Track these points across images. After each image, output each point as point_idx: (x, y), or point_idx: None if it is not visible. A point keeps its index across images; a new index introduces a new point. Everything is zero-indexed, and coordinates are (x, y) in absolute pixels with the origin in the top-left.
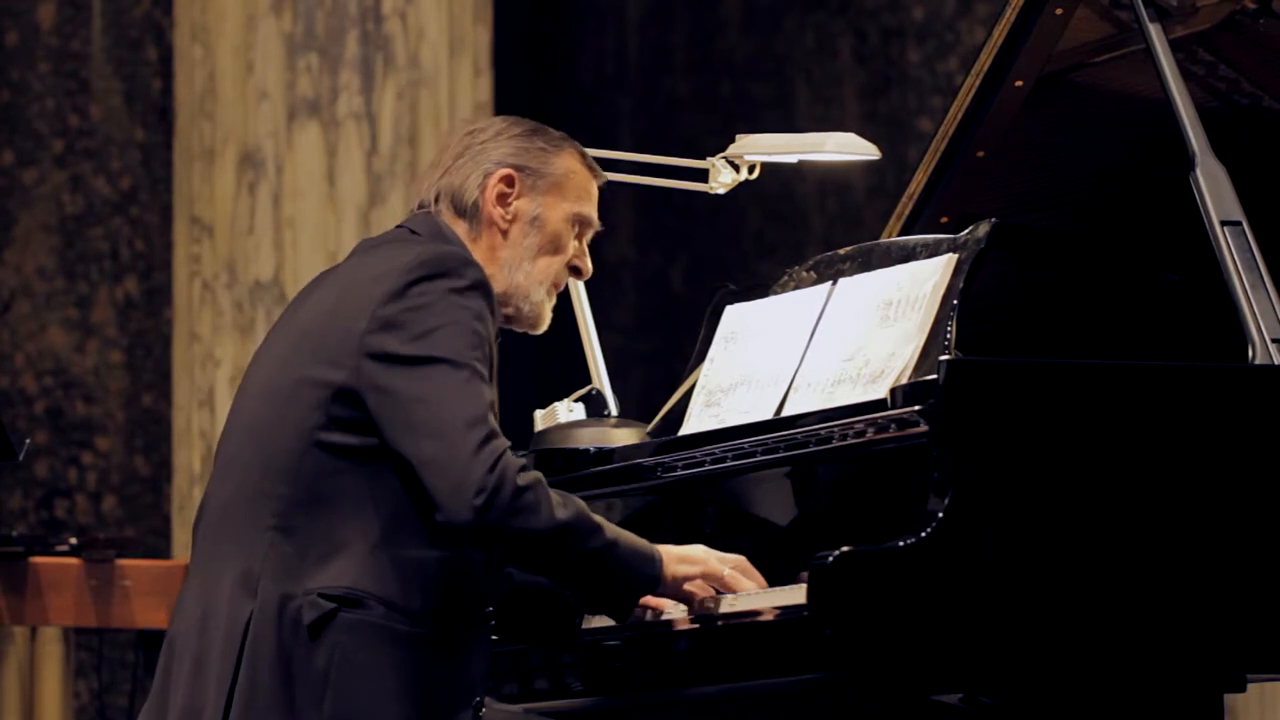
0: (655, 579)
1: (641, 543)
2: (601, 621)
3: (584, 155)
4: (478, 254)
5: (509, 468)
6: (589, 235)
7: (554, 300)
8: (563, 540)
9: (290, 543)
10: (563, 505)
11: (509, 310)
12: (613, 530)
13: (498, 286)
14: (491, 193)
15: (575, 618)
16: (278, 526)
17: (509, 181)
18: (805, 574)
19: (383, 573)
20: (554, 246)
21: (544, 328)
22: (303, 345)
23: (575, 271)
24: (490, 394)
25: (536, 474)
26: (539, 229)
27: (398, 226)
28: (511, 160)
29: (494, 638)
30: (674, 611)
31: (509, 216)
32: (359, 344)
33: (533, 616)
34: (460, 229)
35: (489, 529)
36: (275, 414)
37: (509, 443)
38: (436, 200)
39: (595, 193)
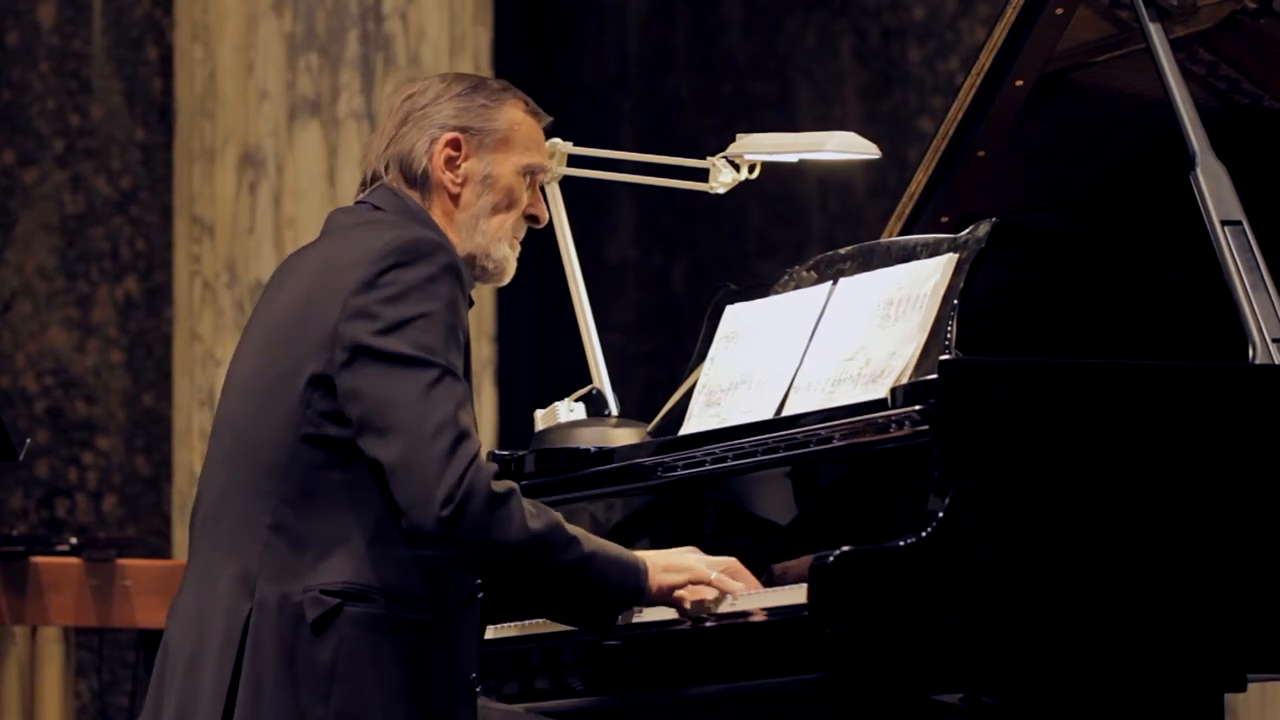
0: (638, 590)
1: (625, 555)
2: None
3: (527, 102)
4: (434, 220)
5: (480, 477)
6: (542, 181)
7: (517, 251)
8: (535, 553)
9: (286, 541)
10: (536, 516)
11: (474, 271)
12: (592, 543)
13: (460, 251)
14: (439, 158)
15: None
16: (273, 525)
17: (455, 145)
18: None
19: (383, 564)
20: (508, 202)
21: (509, 279)
22: (279, 338)
23: (532, 220)
24: (463, 390)
25: (509, 484)
26: (491, 187)
27: (359, 202)
28: (455, 122)
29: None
30: (674, 612)
31: (459, 180)
32: (333, 333)
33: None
34: (414, 198)
35: (456, 540)
36: (260, 410)
37: (480, 446)
38: (386, 170)
39: (542, 138)
